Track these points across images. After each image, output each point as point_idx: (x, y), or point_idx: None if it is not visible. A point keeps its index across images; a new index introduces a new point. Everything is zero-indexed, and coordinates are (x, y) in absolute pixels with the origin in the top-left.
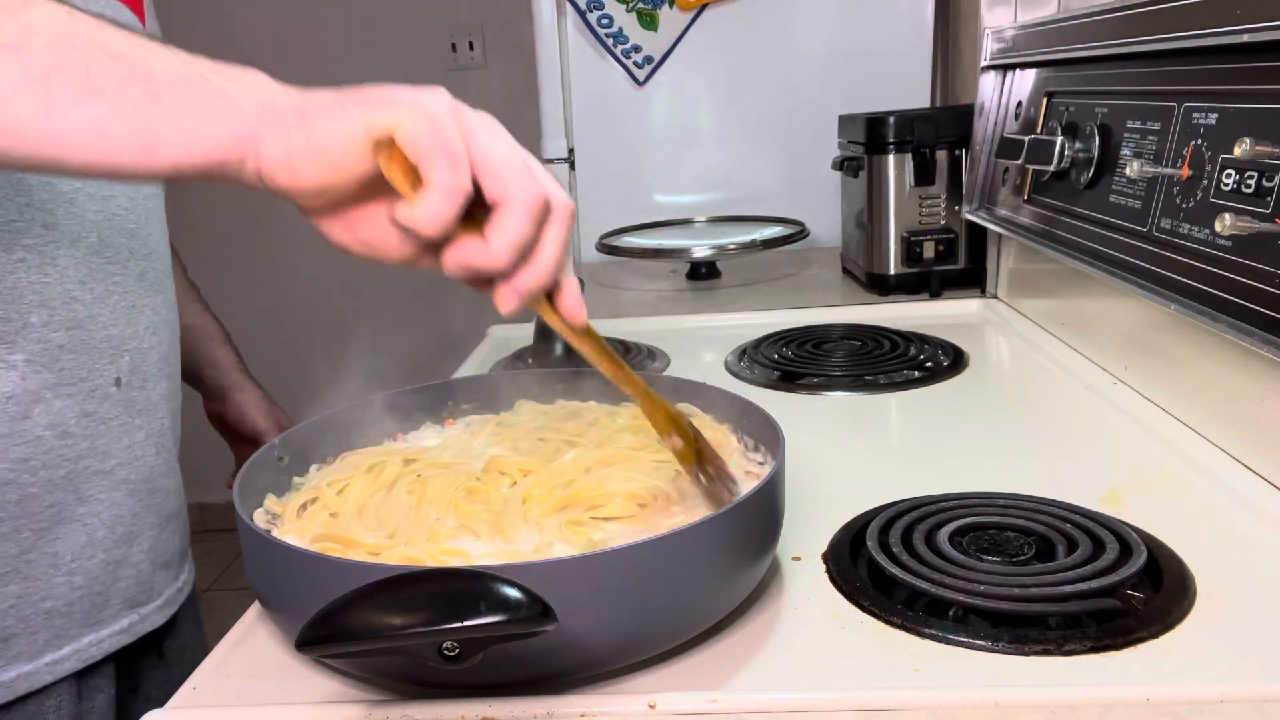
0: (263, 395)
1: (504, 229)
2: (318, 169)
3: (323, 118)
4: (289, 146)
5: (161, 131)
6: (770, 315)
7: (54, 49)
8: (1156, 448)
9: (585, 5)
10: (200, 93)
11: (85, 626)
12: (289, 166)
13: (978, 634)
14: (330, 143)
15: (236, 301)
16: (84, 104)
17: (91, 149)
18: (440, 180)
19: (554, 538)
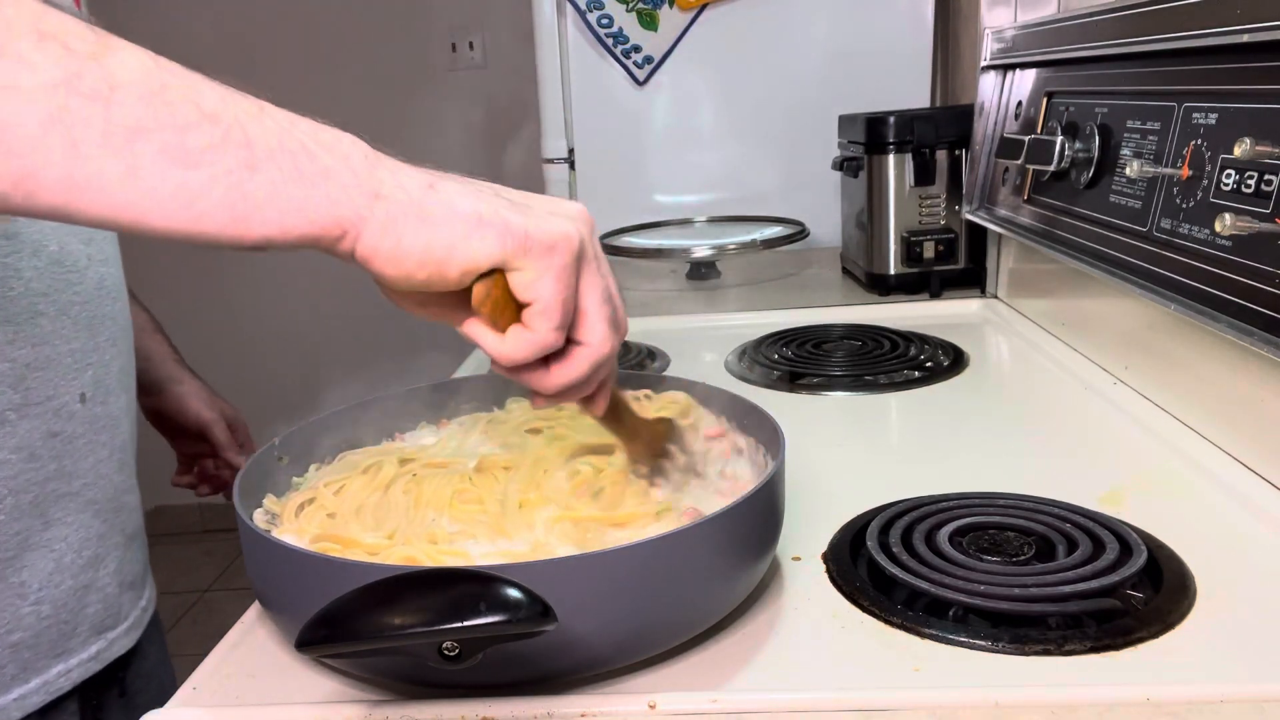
0: (203, 385)
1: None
2: (426, 274)
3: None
4: (400, 243)
5: (257, 205)
6: (770, 315)
7: (143, 103)
8: (1156, 448)
9: (585, 5)
10: (302, 167)
11: (53, 657)
12: (396, 261)
13: (978, 634)
14: (445, 259)
15: (236, 301)
16: (173, 169)
17: (176, 217)
18: (539, 335)
19: (551, 537)
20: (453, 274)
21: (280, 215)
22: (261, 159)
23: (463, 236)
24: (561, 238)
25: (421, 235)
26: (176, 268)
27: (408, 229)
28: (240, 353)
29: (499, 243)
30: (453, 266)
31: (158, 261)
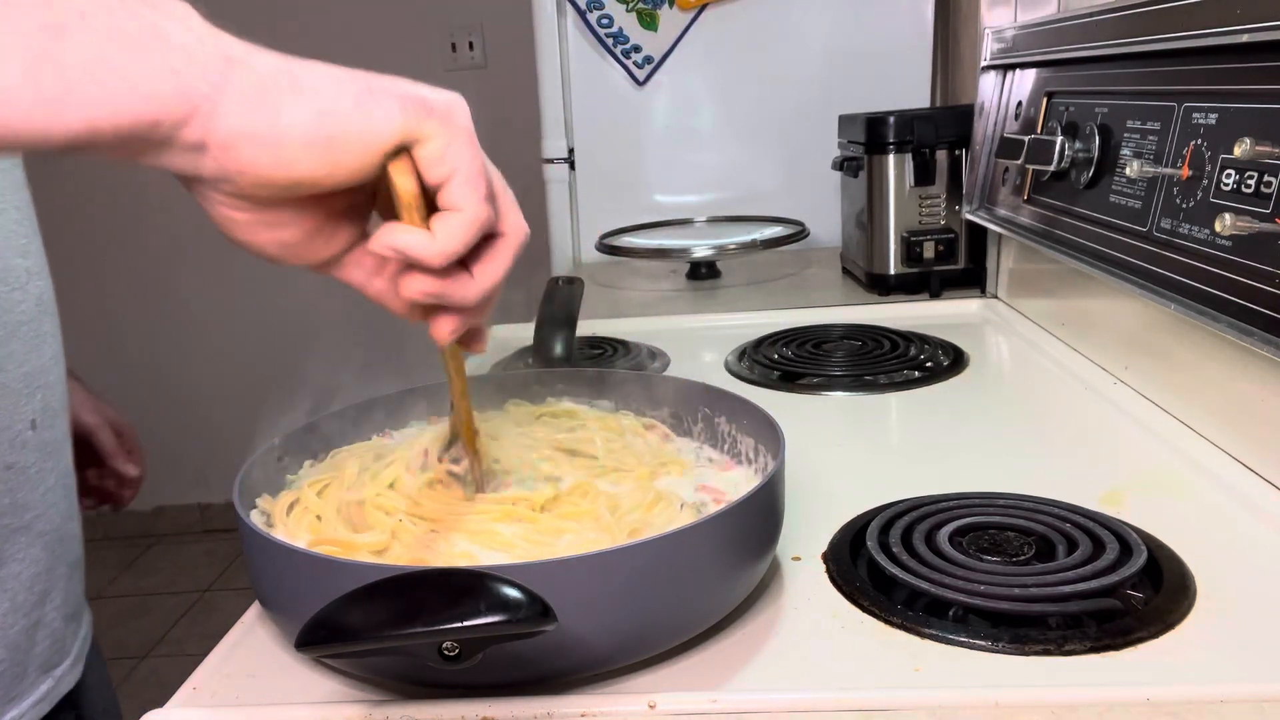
0: (86, 391)
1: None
2: (314, 160)
3: (335, 98)
4: (278, 119)
5: (73, 80)
6: (770, 315)
7: None
8: (1156, 448)
9: (585, 5)
10: (125, 27)
11: (6, 702)
12: (272, 144)
13: (978, 634)
14: (343, 132)
15: (234, 301)
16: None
17: None
18: (470, 211)
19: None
20: (350, 155)
21: (106, 92)
22: (71, 19)
23: (356, 105)
24: (454, 100)
25: (303, 107)
26: (159, 255)
27: (283, 101)
28: (234, 352)
29: (400, 108)
30: (352, 143)
31: (139, 247)
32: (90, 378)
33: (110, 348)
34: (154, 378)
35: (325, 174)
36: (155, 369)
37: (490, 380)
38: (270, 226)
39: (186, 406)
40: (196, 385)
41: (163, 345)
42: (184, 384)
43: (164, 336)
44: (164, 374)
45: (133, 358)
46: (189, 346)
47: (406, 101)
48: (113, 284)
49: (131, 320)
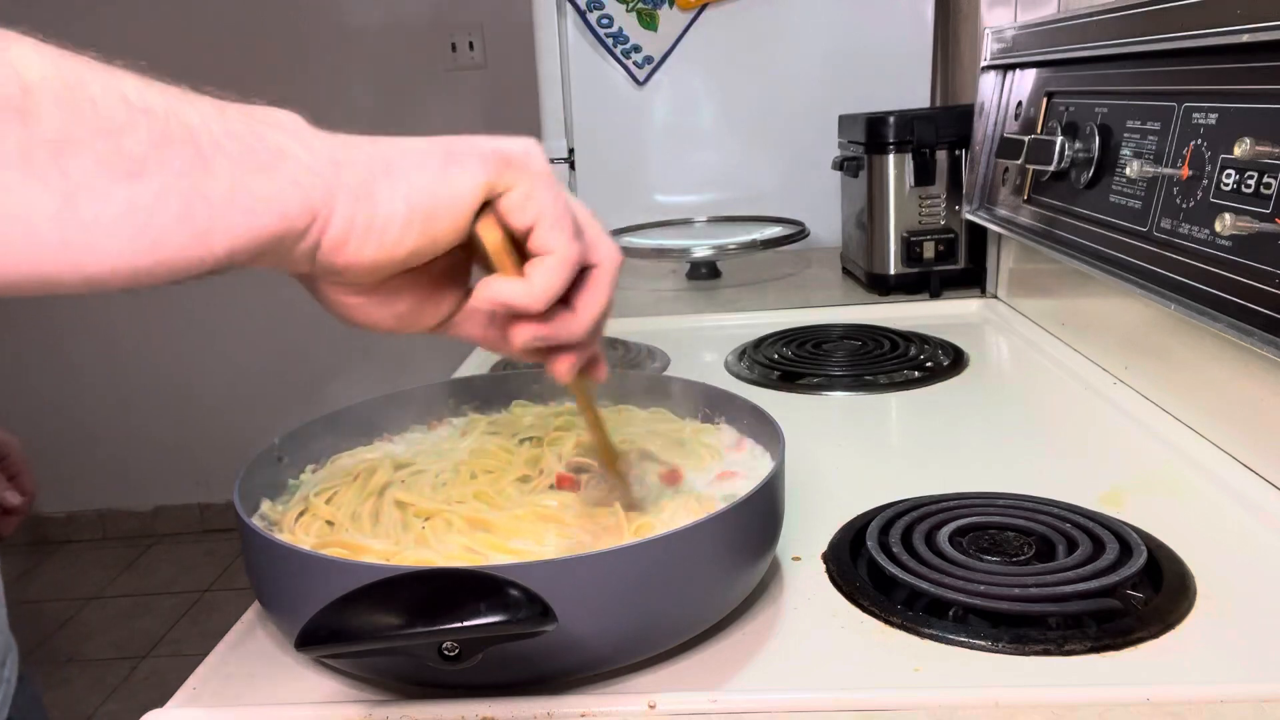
0: None
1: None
2: (414, 237)
3: (416, 172)
4: (377, 210)
5: (220, 210)
6: (770, 315)
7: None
8: (1156, 448)
9: (585, 5)
10: (256, 152)
11: None
12: (376, 233)
13: (978, 634)
14: (433, 204)
15: (234, 301)
16: (117, 185)
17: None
18: (562, 252)
19: None
20: (444, 223)
21: (246, 216)
22: (210, 152)
23: (440, 175)
24: (529, 145)
25: (397, 191)
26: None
27: (379, 190)
28: (234, 352)
29: (481, 167)
30: (442, 213)
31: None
32: (90, 378)
33: (110, 348)
34: (154, 378)
35: (425, 246)
36: (155, 369)
37: (491, 380)
38: (383, 304)
39: (186, 406)
40: (196, 385)
41: (163, 345)
42: (184, 384)
43: (164, 336)
44: (164, 374)
45: (132, 358)
46: (189, 346)
47: (485, 158)
48: None
49: (131, 320)
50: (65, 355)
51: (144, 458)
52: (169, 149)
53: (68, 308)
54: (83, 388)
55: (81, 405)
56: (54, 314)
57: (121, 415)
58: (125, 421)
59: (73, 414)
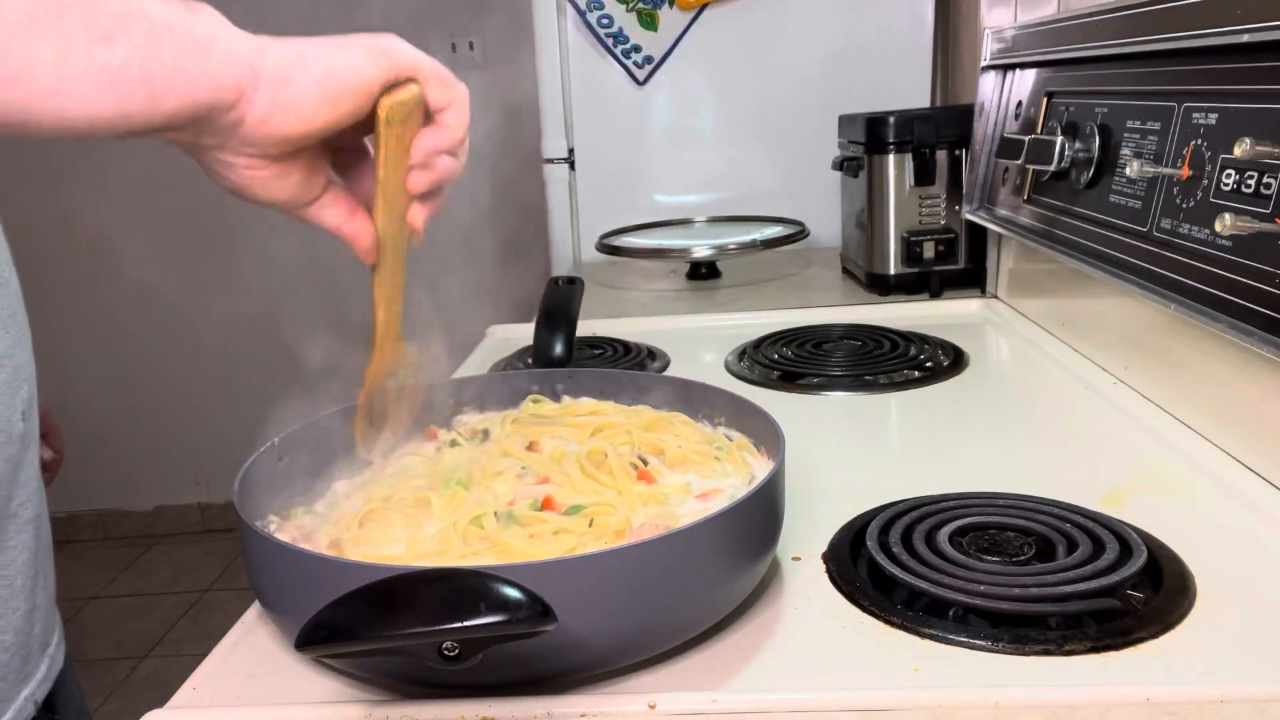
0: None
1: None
2: (325, 112)
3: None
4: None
5: (168, 78)
6: (770, 315)
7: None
8: (1156, 448)
9: (585, 5)
10: (195, 33)
11: (17, 683)
12: (296, 108)
13: (978, 634)
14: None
15: (234, 301)
16: (97, 47)
17: (99, 99)
18: (460, 88)
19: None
20: (348, 102)
21: (189, 87)
22: (162, 30)
23: (351, 66)
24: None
25: (313, 75)
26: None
27: (298, 74)
28: (234, 352)
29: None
30: (352, 95)
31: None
32: (90, 377)
33: (110, 348)
34: (154, 378)
35: (335, 120)
36: (155, 369)
37: (492, 380)
38: (281, 177)
39: (186, 406)
40: (196, 385)
41: (163, 345)
42: (184, 384)
43: (164, 336)
44: (164, 374)
45: (132, 357)
46: (189, 346)
47: (373, 52)
48: (112, 284)
49: (131, 320)
50: (64, 355)
51: (144, 458)
52: (132, 22)
53: (67, 308)
54: (83, 388)
55: (81, 405)
56: (54, 314)
57: (121, 415)
58: (125, 421)
59: (73, 414)
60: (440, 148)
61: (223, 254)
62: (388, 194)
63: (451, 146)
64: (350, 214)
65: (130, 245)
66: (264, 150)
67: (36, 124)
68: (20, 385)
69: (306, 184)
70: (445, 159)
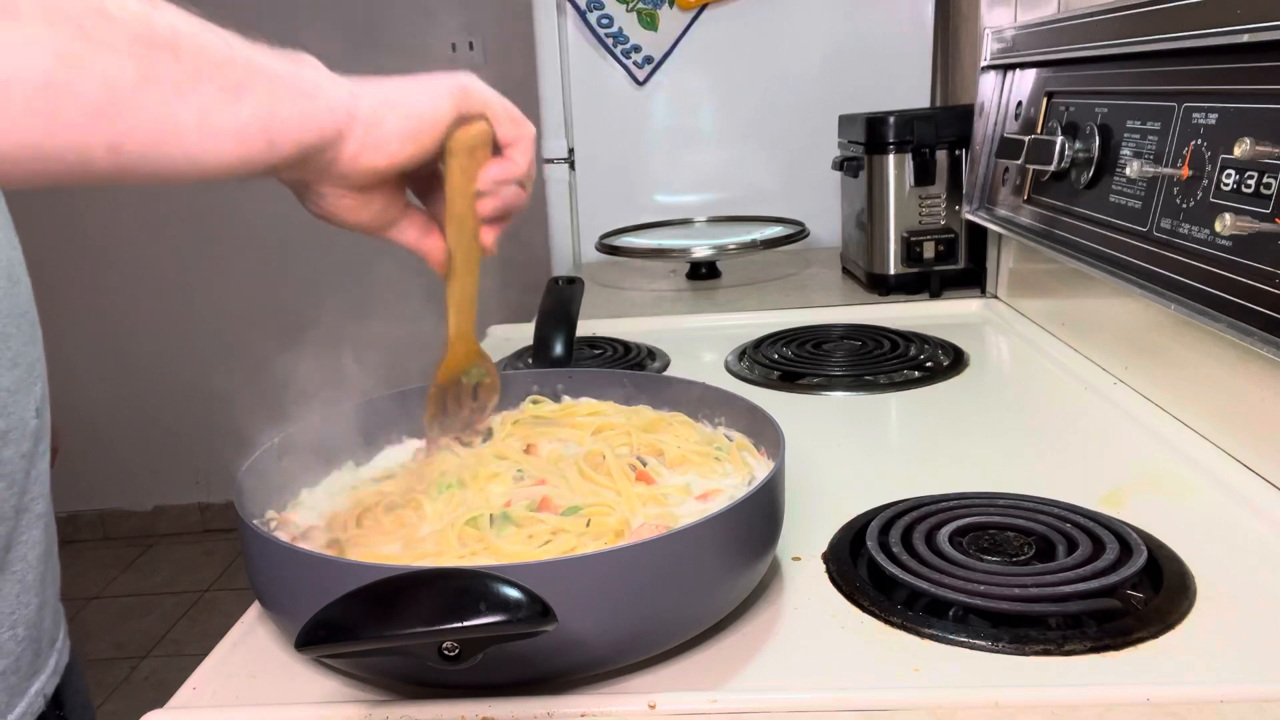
0: None
1: (522, 153)
2: (408, 148)
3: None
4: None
5: (284, 127)
6: (770, 315)
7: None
8: (1156, 448)
9: (585, 5)
10: (303, 84)
11: (29, 677)
12: (382, 145)
13: (978, 634)
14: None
15: (235, 301)
16: (229, 106)
17: (229, 153)
18: (526, 128)
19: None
20: (430, 140)
21: (300, 131)
22: (276, 83)
23: (427, 107)
24: (463, 75)
25: (398, 116)
26: (159, 250)
27: (386, 116)
28: (235, 352)
29: (451, 97)
30: (428, 133)
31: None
32: (91, 377)
33: (110, 347)
34: (154, 377)
35: (417, 154)
36: (156, 368)
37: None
38: (366, 204)
39: (186, 406)
40: (197, 385)
41: (163, 345)
42: (184, 384)
43: (164, 336)
44: (164, 373)
45: (133, 357)
46: (189, 346)
47: (452, 91)
48: (113, 283)
49: (131, 320)
50: (64, 355)
51: (144, 458)
52: (254, 79)
53: (67, 308)
54: (82, 388)
55: (81, 405)
56: (53, 314)
57: (122, 415)
58: (125, 421)
59: (73, 414)
60: (504, 178)
61: (223, 254)
62: (455, 216)
63: (516, 178)
64: (425, 233)
65: (131, 245)
66: (353, 183)
67: (177, 177)
68: (34, 383)
69: (386, 209)
70: (511, 189)
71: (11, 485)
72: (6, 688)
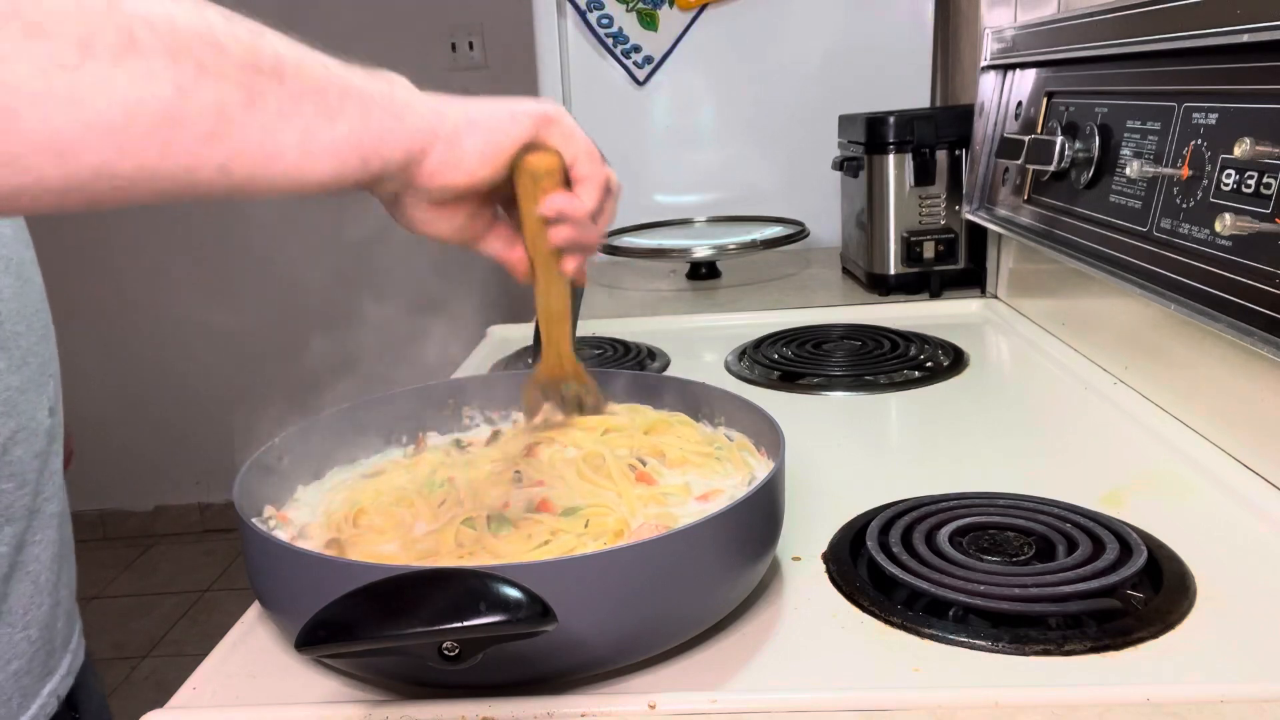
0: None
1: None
2: (487, 168)
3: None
4: (463, 147)
5: (375, 145)
6: (770, 315)
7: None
8: (1156, 448)
9: (585, 5)
10: (394, 104)
11: (41, 678)
12: (460, 163)
13: (978, 634)
14: (498, 147)
15: (235, 301)
16: (325, 128)
17: (325, 171)
18: (599, 172)
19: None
20: (503, 160)
21: (389, 149)
22: (369, 104)
23: (504, 128)
24: (552, 107)
25: (477, 136)
26: (169, 256)
27: (466, 135)
28: (235, 352)
29: (530, 121)
30: (503, 153)
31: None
32: (91, 377)
33: (110, 347)
34: (154, 378)
35: (491, 175)
36: (155, 369)
37: (493, 380)
38: (447, 218)
39: (186, 406)
40: (196, 385)
41: (162, 345)
42: (184, 384)
43: (164, 336)
44: (164, 374)
45: (132, 357)
46: (189, 346)
47: (534, 115)
48: (113, 283)
49: (131, 320)
50: (64, 355)
51: (144, 458)
52: (349, 100)
53: (68, 308)
54: (83, 387)
55: (81, 405)
56: (54, 314)
57: (121, 415)
58: (125, 422)
59: (73, 413)
60: (569, 212)
61: (224, 254)
62: (529, 235)
63: (578, 215)
64: (509, 245)
65: (132, 245)
66: (433, 198)
67: (278, 192)
68: (46, 382)
69: (470, 223)
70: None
71: (23, 485)
72: (19, 689)
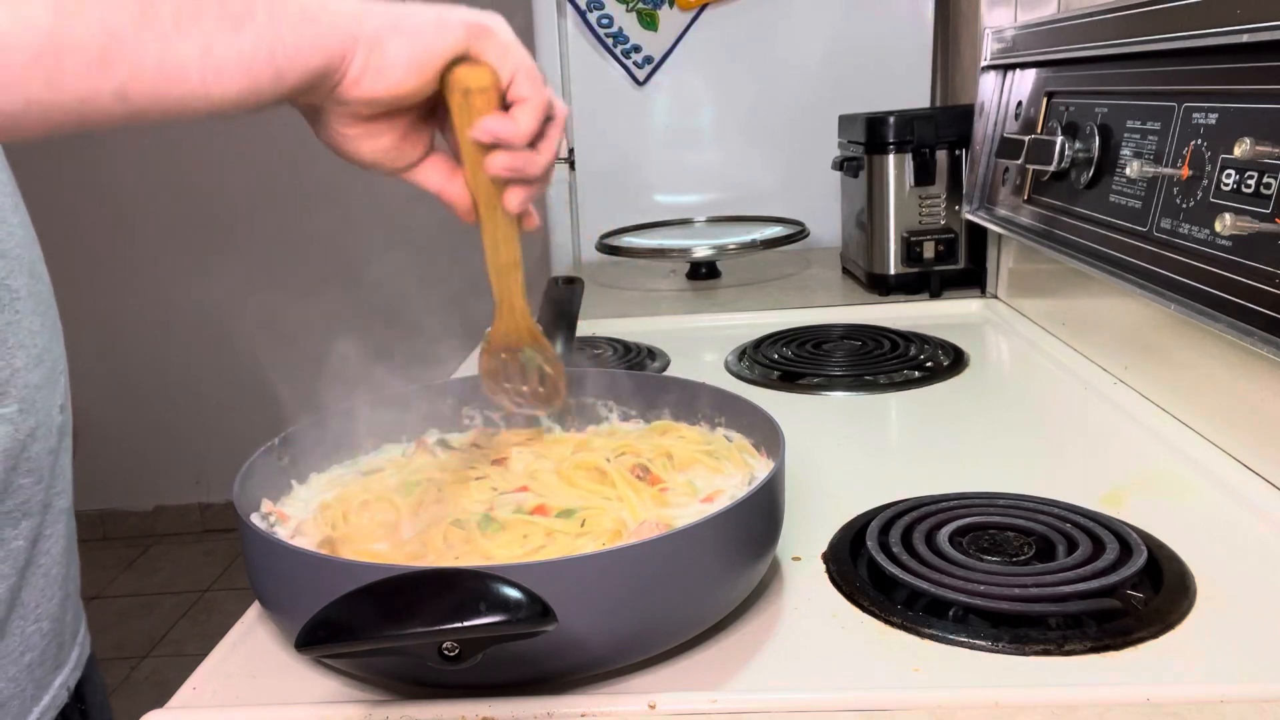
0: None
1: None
2: (411, 78)
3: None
4: (386, 56)
5: (289, 54)
6: (770, 315)
7: None
8: (1156, 448)
9: (585, 5)
10: (306, 7)
11: (53, 670)
12: (384, 73)
13: (978, 634)
14: (426, 56)
15: (234, 301)
16: (230, 37)
17: (235, 84)
18: (538, 95)
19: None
20: (431, 72)
21: (305, 58)
22: (278, 8)
23: (432, 35)
24: (490, 17)
25: (402, 43)
26: (160, 253)
27: (390, 41)
28: (234, 351)
29: (463, 31)
30: (431, 64)
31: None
32: (90, 377)
33: (110, 347)
34: (154, 377)
35: (419, 88)
36: (155, 368)
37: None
38: (372, 137)
39: (186, 406)
40: (196, 385)
41: (162, 345)
42: (184, 384)
43: (163, 336)
44: (164, 373)
45: (132, 357)
46: (188, 346)
47: (468, 25)
48: (112, 283)
49: (131, 320)
50: (66, 354)
51: (144, 458)
52: (255, 6)
53: (67, 307)
54: (83, 387)
55: (81, 405)
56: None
57: (122, 415)
58: (125, 421)
59: (73, 412)
60: (502, 135)
61: (223, 253)
62: (467, 161)
63: (515, 139)
64: (448, 179)
65: (131, 244)
66: (354, 110)
67: (189, 113)
68: (58, 378)
69: (401, 147)
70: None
71: (39, 481)
72: (33, 680)
